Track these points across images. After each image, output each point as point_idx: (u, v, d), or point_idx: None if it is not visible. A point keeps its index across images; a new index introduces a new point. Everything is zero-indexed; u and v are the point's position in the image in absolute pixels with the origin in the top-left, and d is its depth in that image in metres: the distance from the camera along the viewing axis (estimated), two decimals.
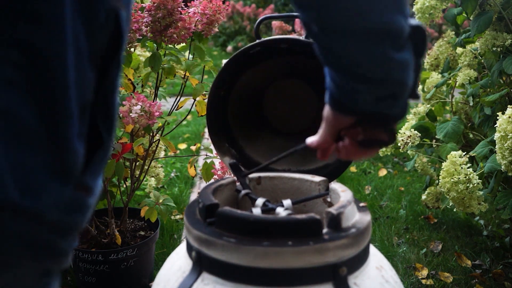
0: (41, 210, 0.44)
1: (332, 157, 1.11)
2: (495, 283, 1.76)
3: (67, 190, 0.47)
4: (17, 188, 0.42)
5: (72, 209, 0.48)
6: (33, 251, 0.47)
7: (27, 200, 0.43)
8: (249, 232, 0.69)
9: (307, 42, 1.03)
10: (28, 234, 0.45)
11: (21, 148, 0.42)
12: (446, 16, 1.91)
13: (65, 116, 0.45)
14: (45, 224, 0.46)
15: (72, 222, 0.49)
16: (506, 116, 1.37)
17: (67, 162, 0.46)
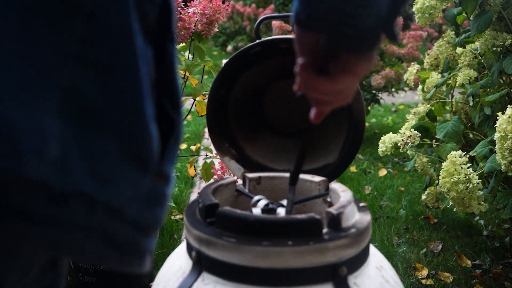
0: (120, 202, 0.39)
1: (332, 157, 1.11)
2: (495, 283, 1.76)
3: (146, 180, 0.41)
4: (90, 177, 0.37)
5: (153, 202, 0.43)
6: (119, 251, 0.42)
7: (102, 190, 0.38)
8: (249, 232, 0.69)
9: None
10: (110, 230, 0.40)
11: (91, 131, 0.37)
12: (446, 16, 1.91)
13: (138, 95, 0.40)
14: (127, 219, 0.40)
15: (153, 217, 0.43)
16: (506, 116, 1.37)
17: (144, 147, 0.40)
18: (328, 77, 0.59)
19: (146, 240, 0.44)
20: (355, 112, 1.04)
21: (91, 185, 0.37)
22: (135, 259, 0.44)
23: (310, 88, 0.61)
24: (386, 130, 3.74)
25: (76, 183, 0.36)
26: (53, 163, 0.35)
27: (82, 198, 0.37)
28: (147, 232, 0.44)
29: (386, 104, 4.85)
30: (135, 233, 0.42)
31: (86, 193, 0.37)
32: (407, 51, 3.62)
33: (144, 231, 0.43)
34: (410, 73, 2.27)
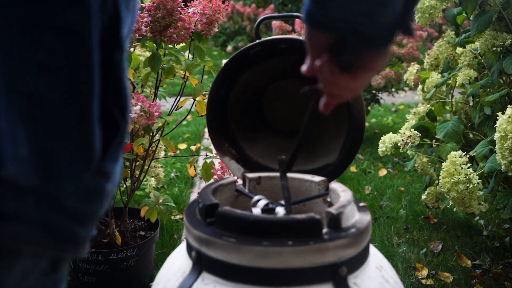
0: (63, 196, 0.43)
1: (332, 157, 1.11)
2: (495, 283, 1.76)
3: (87, 177, 0.46)
4: (39, 173, 0.41)
5: (92, 196, 0.47)
6: (56, 239, 0.46)
7: (49, 185, 0.42)
8: (249, 232, 0.69)
9: None
10: (51, 221, 0.44)
11: (45, 132, 0.41)
12: (446, 16, 1.91)
13: (90, 100, 0.44)
14: (66, 212, 0.45)
15: (91, 210, 0.47)
16: (506, 116, 1.37)
17: (89, 147, 0.45)
18: (350, 74, 0.61)
19: (82, 230, 0.48)
20: (355, 112, 1.04)
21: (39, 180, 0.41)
22: (70, 246, 0.48)
23: (331, 83, 0.63)
24: (386, 130, 3.74)
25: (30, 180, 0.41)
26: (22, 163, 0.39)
27: (32, 193, 0.41)
28: (84, 223, 0.48)
29: (386, 104, 4.85)
30: (72, 224, 0.46)
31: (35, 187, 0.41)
32: (407, 51, 3.62)
33: (82, 222, 0.47)
34: (410, 73, 2.27)
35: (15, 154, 0.38)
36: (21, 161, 0.39)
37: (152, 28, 1.51)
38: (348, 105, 1.04)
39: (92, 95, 0.44)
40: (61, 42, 0.41)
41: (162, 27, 1.52)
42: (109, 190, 0.50)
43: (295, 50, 1.04)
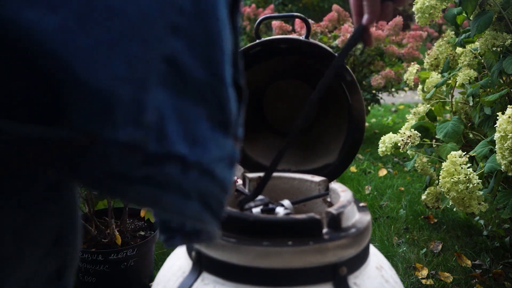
0: (211, 163, 0.42)
1: (332, 157, 1.11)
2: (495, 283, 1.76)
3: (228, 142, 0.45)
4: (184, 140, 0.40)
5: (232, 163, 0.46)
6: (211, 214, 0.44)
7: (197, 151, 0.41)
8: (249, 232, 0.69)
9: (307, 42, 1.03)
10: (205, 191, 0.43)
11: (185, 96, 0.40)
12: (446, 16, 1.91)
13: (222, 64, 0.43)
14: (217, 181, 0.43)
15: (231, 178, 0.46)
16: (506, 116, 1.37)
17: (226, 111, 0.44)
18: None
19: (225, 203, 0.47)
20: (355, 112, 1.04)
21: (185, 148, 0.40)
22: (218, 224, 0.47)
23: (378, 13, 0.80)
24: (386, 130, 3.74)
25: (171, 146, 0.39)
26: (149, 129, 0.37)
27: (176, 160, 0.39)
28: (227, 194, 0.46)
29: (386, 104, 4.85)
30: (222, 195, 0.45)
31: (180, 155, 0.39)
32: (407, 51, 3.62)
33: (227, 192, 0.46)
34: (410, 73, 2.27)
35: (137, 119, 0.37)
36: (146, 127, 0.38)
37: None
38: (348, 105, 1.04)
39: (223, 59, 0.43)
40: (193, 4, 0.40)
41: None
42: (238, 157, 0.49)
43: (295, 50, 1.04)
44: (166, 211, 0.43)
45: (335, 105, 1.11)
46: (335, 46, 3.59)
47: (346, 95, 1.04)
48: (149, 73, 0.37)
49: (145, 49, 0.37)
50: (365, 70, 3.80)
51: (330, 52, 1.02)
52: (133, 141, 0.37)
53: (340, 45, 3.53)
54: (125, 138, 0.36)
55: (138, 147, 0.37)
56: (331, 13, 3.92)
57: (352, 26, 3.63)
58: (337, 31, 3.70)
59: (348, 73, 1.01)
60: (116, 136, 0.36)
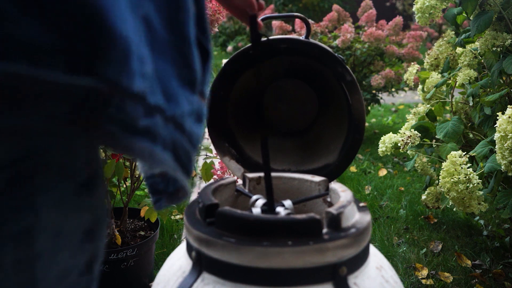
0: (182, 117, 0.45)
1: (332, 157, 1.11)
2: (495, 283, 1.76)
3: (195, 98, 0.47)
4: (162, 94, 0.42)
5: (199, 119, 0.48)
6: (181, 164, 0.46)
7: (171, 105, 0.43)
8: (249, 232, 0.69)
9: (307, 42, 1.03)
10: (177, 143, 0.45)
11: (158, 55, 0.43)
12: (446, 16, 1.91)
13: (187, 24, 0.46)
14: (186, 134, 0.46)
15: (199, 133, 0.49)
16: (506, 116, 1.37)
17: (192, 69, 0.47)
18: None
19: (194, 158, 0.49)
20: (355, 112, 1.04)
21: (164, 101, 0.43)
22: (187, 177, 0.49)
23: None
24: (386, 130, 3.74)
25: (158, 99, 0.42)
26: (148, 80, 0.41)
27: (160, 112, 0.42)
28: (195, 149, 0.49)
29: (386, 104, 4.85)
30: (190, 148, 0.48)
31: (162, 107, 0.42)
32: (407, 51, 3.62)
33: (194, 147, 0.49)
34: (410, 73, 2.27)
35: (142, 71, 0.40)
36: (147, 79, 0.41)
37: None
38: (348, 105, 1.04)
39: (188, 19, 0.46)
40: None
41: None
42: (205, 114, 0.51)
43: (295, 50, 1.04)
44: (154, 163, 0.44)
45: (335, 105, 1.11)
46: (335, 46, 3.59)
47: (346, 95, 1.04)
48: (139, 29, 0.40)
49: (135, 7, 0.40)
50: (365, 70, 3.80)
51: (330, 52, 1.02)
52: (141, 92, 0.40)
53: (340, 45, 3.53)
54: (137, 87, 0.39)
55: (143, 98, 0.40)
56: (331, 13, 3.92)
57: (352, 26, 3.63)
58: (337, 31, 3.70)
59: (348, 73, 1.01)
60: (132, 86, 0.39)
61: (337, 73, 1.02)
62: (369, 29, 3.58)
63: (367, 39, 3.53)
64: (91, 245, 0.50)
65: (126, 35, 0.37)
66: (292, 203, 0.85)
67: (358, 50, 3.60)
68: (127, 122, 0.40)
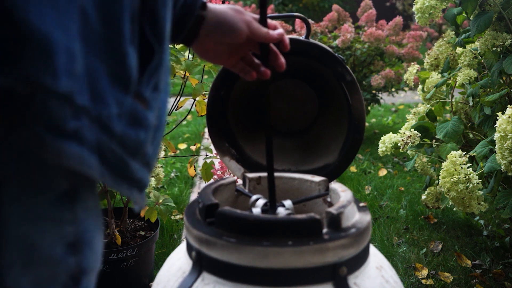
0: (110, 119, 0.42)
1: (332, 157, 1.11)
2: (495, 283, 1.76)
3: (127, 99, 0.45)
4: (90, 93, 0.40)
5: (135, 122, 0.46)
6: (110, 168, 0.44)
7: (98, 106, 0.41)
8: (249, 232, 0.69)
9: (307, 42, 1.03)
10: (104, 146, 0.42)
11: (91, 51, 0.41)
12: (446, 16, 1.91)
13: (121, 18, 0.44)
14: (115, 137, 0.43)
15: (137, 138, 0.46)
16: (506, 116, 1.37)
17: (124, 67, 0.44)
18: None
19: (134, 163, 0.47)
20: (355, 112, 1.04)
21: (90, 101, 0.41)
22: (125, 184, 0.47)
23: None
24: (386, 130, 3.74)
25: (84, 99, 0.40)
26: (76, 79, 0.39)
27: (86, 113, 0.40)
28: (133, 153, 0.46)
29: (386, 104, 4.85)
30: (122, 152, 0.45)
31: (88, 108, 0.40)
32: (407, 51, 3.62)
33: (130, 152, 0.46)
34: (410, 73, 2.27)
35: (70, 69, 0.38)
36: (76, 77, 0.39)
37: None
38: (348, 105, 1.05)
39: (122, 13, 0.44)
40: None
41: None
42: (151, 120, 0.48)
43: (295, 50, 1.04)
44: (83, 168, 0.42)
45: (335, 105, 1.11)
46: (335, 46, 3.59)
47: (346, 95, 1.04)
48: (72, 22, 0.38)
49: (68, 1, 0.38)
50: (365, 70, 3.80)
51: (330, 52, 1.02)
52: (69, 91, 0.38)
53: (340, 45, 3.53)
54: (63, 87, 0.37)
55: (70, 98, 0.38)
56: (331, 13, 3.92)
57: (352, 26, 3.63)
58: (337, 31, 3.70)
59: (348, 73, 1.01)
60: (56, 85, 0.37)
61: (337, 73, 1.02)
62: (369, 29, 3.58)
63: (367, 39, 3.53)
64: (75, 258, 0.48)
65: (46, 31, 0.35)
66: (292, 203, 0.85)
67: (358, 50, 3.60)
68: (53, 123, 0.38)
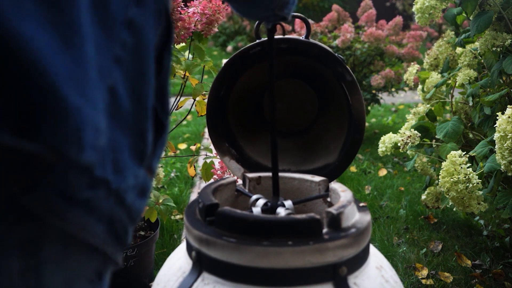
0: (125, 191, 0.44)
1: (332, 157, 1.11)
2: (495, 283, 1.76)
3: (141, 172, 0.47)
4: (112, 167, 0.42)
5: (143, 193, 0.48)
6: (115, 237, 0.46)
7: (118, 179, 0.43)
8: (249, 232, 0.69)
9: (307, 42, 1.03)
10: (115, 216, 0.44)
11: (117, 126, 0.43)
12: (446, 16, 1.91)
13: (147, 96, 0.46)
14: (125, 208, 0.45)
15: (141, 208, 0.48)
16: (506, 116, 1.37)
17: (144, 142, 0.46)
18: None
19: (131, 230, 0.49)
20: (355, 112, 1.04)
21: (112, 173, 0.42)
22: (121, 249, 0.49)
23: None
24: (386, 130, 3.74)
25: (106, 172, 0.41)
26: (100, 153, 0.40)
27: (105, 185, 0.42)
28: (134, 222, 0.49)
29: (386, 104, 4.85)
30: (127, 222, 0.47)
31: (108, 180, 0.42)
32: (407, 51, 3.62)
33: (133, 221, 0.48)
34: (410, 73, 2.27)
35: (95, 143, 0.39)
36: (99, 151, 0.40)
37: None
38: (348, 105, 1.05)
39: (149, 91, 0.46)
40: (131, 38, 0.43)
41: None
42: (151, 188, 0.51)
43: (295, 50, 1.04)
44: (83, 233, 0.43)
45: (335, 105, 1.11)
46: (335, 46, 3.59)
47: (346, 95, 1.04)
48: (101, 98, 0.40)
49: (100, 77, 0.40)
50: (365, 70, 3.80)
51: (330, 52, 1.02)
52: (90, 164, 0.39)
53: (340, 45, 3.53)
54: (86, 160, 0.39)
55: (90, 170, 0.40)
56: (331, 13, 3.92)
57: (352, 26, 3.63)
58: (337, 31, 3.70)
59: (348, 73, 1.01)
60: (80, 158, 0.38)
61: (337, 73, 1.02)
62: (369, 29, 3.58)
63: (367, 39, 3.53)
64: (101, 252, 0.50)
65: (78, 106, 0.37)
66: (292, 203, 0.85)
67: (358, 50, 3.60)
68: (67, 191, 0.39)
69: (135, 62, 0.44)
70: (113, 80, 0.42)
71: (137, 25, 0.44)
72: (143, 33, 0.45)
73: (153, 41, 0.46)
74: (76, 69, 0.37)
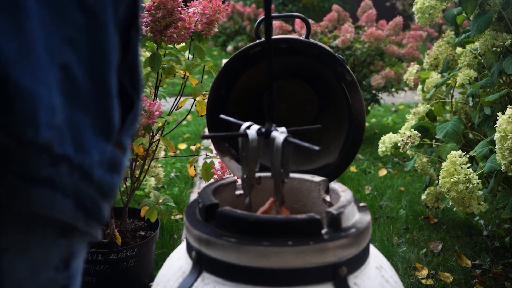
0: (91, 166, 0.45)
1: (332, 157, 1.11)
2: (495, 283, 1.76)
3: (108, 148, 0.48)
4: (72, 143, 0.43)
5: (112, 168, 0.49)
6: (85, 212, 0.47)
7: (80, 155, 0.44)
8: (249, 232, 0.69)
9: (307, 42, 1.03)
10: (82, 192, 0.45)
11: (74, 104, 0.43)
12: (446, 16, 1.91)
13: (108, 75, 0.47)
14: (93, 183, 0.46)
15: (112, 182, 0.49)
16: (506, 116, 1.37)
17: (109, 120, 0.47)
18: None
19: (104, 206, 0.50)
20: (355, 112, 1.04)
21: (73, 150, 0.43)
22: (95, 224, 0.50)
23: None
24: (386, 130, 3.74)
25: (66, 148, 0.42)
26: (57, 130, 0.41)
27: (66, 161, 0.43)
28: (106, 198, 0.49)
29: (386, 104, 4.85)
30: (97, 197, 0.48)
31: (69, 156, 0.43)
32: (407, 51, 3.62)
33: (104, 196, 0.49)
34: (410, 73, 2.27)
35: (50, 121, 0.40)
36: (56, 128, 0.41)
37: (152, 28, 1.51)
38: (348, 105, 1.05)
39: (110, 71, 0.47)
40: (83, 18, 0.44)
41: (162, 27, 1.52)
42: (125, 164, 0.52)
43: (295, 50, 1.04)
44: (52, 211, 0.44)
45: (335, 105, 1.11)
46: (335, 46, 3.59)
47: (346, 95, 1.04)
48: (53, 78, 0.41)
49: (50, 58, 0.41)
50: (365, 70, 3.80)
51: (330, 52, 1.02)
52: (47, 142, 0.40)
53: (340, 45, 3.53)
54: (43, 139, 0.40)
55: (48, 148, 0.41)
56: (331, 13, 3.92)
57: (352, 26, 3.63)
58: (337, 31, 3.70)
59: (348, 73, 1.01)
60: (37, 137, 0.39)
61: (337, 73, 1.02)
62: (369, 29, 3.58)
63: (367, 39, 3.53)
64: (68, 240, 0.50)
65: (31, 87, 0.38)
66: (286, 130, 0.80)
67: (358, 50, 3.60)
68: (27, 172, 0.40)
69: (90, 41, 0.45)
70: (65, 59, 0.42)
71: (90, 4, 0.44)
72: (98, 12, 0.45)
73: (112, 20, 0.47)
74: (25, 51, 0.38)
